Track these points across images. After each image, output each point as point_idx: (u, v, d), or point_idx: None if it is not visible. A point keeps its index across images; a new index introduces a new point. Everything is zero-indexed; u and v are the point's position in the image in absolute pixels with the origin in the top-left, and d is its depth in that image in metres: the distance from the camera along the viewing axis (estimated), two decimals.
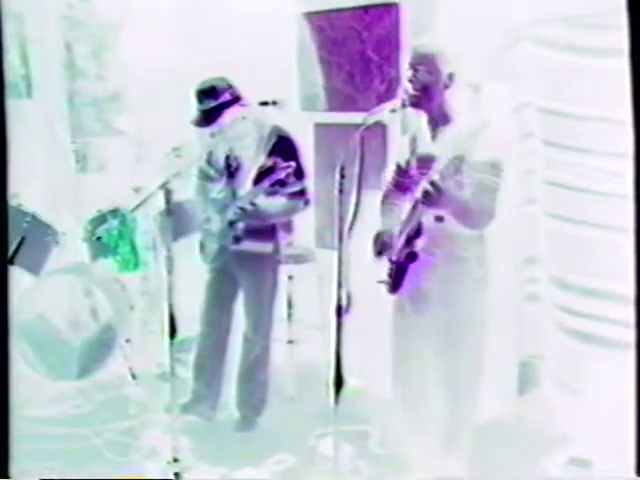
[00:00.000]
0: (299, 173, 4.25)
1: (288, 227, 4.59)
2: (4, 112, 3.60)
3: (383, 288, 3.65)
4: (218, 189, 4.39)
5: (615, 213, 3.98)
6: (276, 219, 4.39)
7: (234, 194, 4.33)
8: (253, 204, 4.23)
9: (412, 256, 3.55)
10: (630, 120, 3.25)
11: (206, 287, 4.52)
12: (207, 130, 4.36)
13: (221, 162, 4.39)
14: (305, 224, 5.03)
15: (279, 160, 4.14)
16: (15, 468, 3.61)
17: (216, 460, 4.18)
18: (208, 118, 4.27)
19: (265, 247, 4.39)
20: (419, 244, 3.55)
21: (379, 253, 3.66)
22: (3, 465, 3.56)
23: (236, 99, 4.27)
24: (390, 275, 3.61)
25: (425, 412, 3.77)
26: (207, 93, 4.23)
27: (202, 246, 4.44)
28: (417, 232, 3.54)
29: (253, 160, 4.31)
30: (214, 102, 4.23)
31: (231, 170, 4.36)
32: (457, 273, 3.60)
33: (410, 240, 3.55)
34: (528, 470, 4.01)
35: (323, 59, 5.37)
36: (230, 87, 4.26)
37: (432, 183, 3.34)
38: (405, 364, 3.77)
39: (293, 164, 4.10)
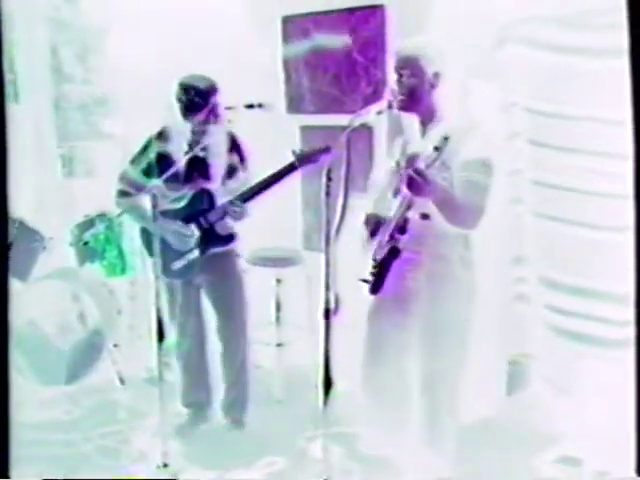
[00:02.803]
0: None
1: None
2: (4, 116, 3.60)
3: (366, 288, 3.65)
4: (171, 198, 4.27)
5: (603, 212, 4.00)
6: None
7: (210, 196, 4.28)
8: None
9: (394, 252, 3.54)
10: (623, 119, 3.26)
11: (171, 300, 4.41)
12: (187, 128, 4.30)
13: (181, 166, 4.26)
14: (292, 227, 5.05)
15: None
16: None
17: (206, 464, 4.18)
18: (208, 116, 4.25)
19: (229, 246, 4.39)
20: (402, 240, 3.53)
21: (373, 233, 3.66)
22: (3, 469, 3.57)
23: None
24: (373, 274, 3.60)
25: (407, 413, 3.76)
26: (210, 90, 4.21)
27: (164, 263, 4.24)
28: (402, 229, 3.53)
29: (218, 158, 4.31)
30: (214, 99, 4.21)
31: (207, 171, 4.32)
32: (441, 272, 3.59)
33: (393, 236, 3.54)
34: (518, 470, 4.01)
35: (309, 61, 5.38)
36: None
37: (416, 170, 3.32)
38: (384, 365, 3.76)
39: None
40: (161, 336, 3.87)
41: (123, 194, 4.28)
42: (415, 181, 3.30)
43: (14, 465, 3.58)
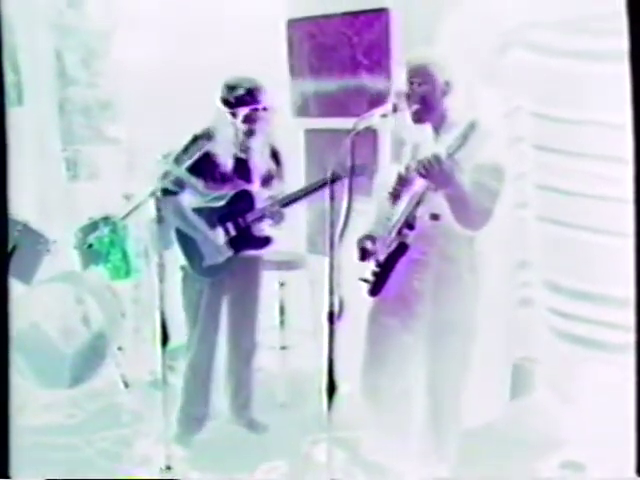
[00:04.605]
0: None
1: None
2: (4, 121, 3.60)
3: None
4: (210, 197, 4.28)
5: (607, 216, 4.00)
6: None
7: (250, 197, 4.28)
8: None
9: (403, 247, 3.52)
10: (626, 123, 3.24)
11: (197, 300, 4.38)
12: (234, 130, 4.24)
13: (225, 167, 4.27)
14: (296, 230, 5.04)
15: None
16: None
17: (209, 467, 4.18)
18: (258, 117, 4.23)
19: (264, 249, 4.41)
20: (411, 236, 3.52)
21: (362, 258, 3.66)
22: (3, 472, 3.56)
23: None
24: (375, 274, 3.59)
25: (410, 417, 3.76)
26: (260, 90, 4.19)
27: (198, 261, 4.31)
28: (410, 225, 3.52)
29: (260, 162, 4.32)
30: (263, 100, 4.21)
31: (248, 173, 4.31)
32: (448, 274, 3.58)
33: (401, 232, 3.53)
34: (521, 474, 4.01)
35: (313, 65, 5.38)
36: None
37: (435, 156, 3.31)
38: (386, 366, 3.75)
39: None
40: (165, 339, 3.86)
41: (167, 192, 4.17)
42: (432, 167, 3.29)
43: (15, 468, 3.57)
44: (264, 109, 4.19)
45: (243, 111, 4.16)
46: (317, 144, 5.26)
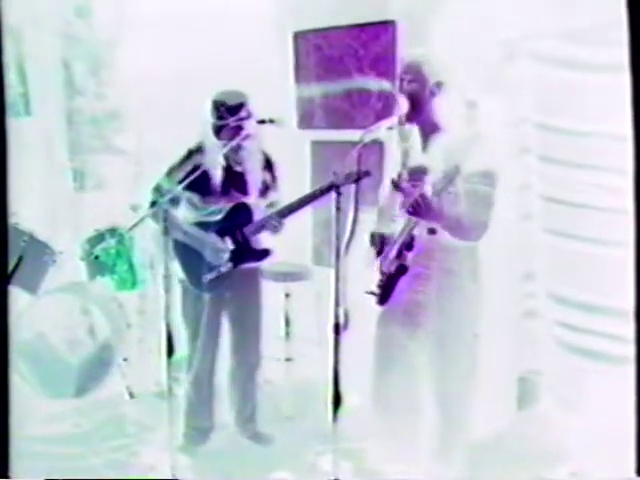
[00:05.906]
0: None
1: None
2: (4, 130, 3.61)
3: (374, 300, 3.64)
4: (206, 211, 4.28)
5: (612, 228, 3.99)
6: None
7: (248, 210, 4.30)
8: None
9: (402, 269, 3.53)
10: (629, 135, 3.25)
11: (197, 314, 4.38)
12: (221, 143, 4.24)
13: (217, 180, 4.31)
14: (302, 241, 5.03)
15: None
16: None
17: (215, 478, 4.17)
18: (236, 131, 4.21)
19: (262, 261, 4.41)
20: (410, 257, 3.52)
21: (379, 252, 3.66)
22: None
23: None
24: (380, 286, 3.58)
25: (417, 427, 3.75)
26: (237, 106, 4.17)
27: (196, 275, 4.31)
28: (409, 245, 3.52)
29: (254, 174, 4.32)
30: (242, 114, 4.18)
31: (244, 186, 4.32)
32: (450, 286, 3.58)
33: (401, 253, 3.53)
34: None
35: (320, 77, 5.39)
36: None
37: (422, 196, 3.31)
38: (393, 378, 3.75)
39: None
40: (171, 350, 3.87)
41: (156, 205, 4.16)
42: (420, 207, 3.31)
43: (20, 477, 3.58)
44: (252, 121, 4.18)
45: (230, 124, 4.17)
46: (324, 156, 5.27)
